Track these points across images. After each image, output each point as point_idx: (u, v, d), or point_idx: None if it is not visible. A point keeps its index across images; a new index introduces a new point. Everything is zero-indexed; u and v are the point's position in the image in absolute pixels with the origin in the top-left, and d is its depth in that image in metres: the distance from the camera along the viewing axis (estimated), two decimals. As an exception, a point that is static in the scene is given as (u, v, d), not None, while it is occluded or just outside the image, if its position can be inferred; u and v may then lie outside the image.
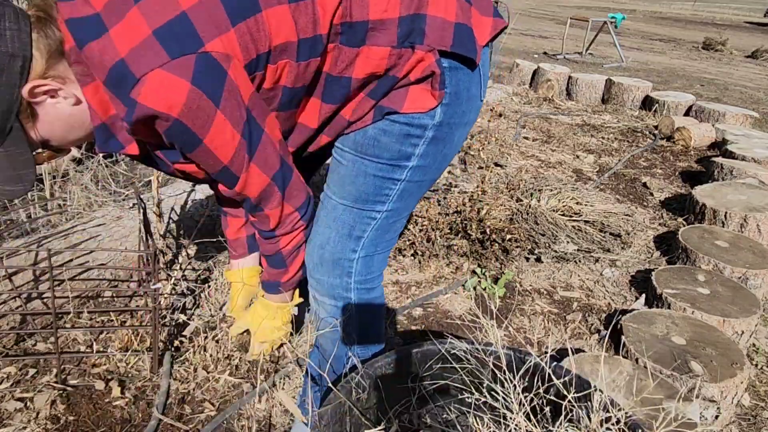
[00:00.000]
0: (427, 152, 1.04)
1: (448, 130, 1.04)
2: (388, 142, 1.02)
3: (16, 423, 1.33)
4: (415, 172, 1.06)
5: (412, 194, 1.10)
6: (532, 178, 2.86)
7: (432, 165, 1.08)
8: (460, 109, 1.03)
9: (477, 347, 1.15)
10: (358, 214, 1.09)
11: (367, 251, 1.12)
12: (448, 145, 1.07)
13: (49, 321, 1.67)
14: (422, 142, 1.02)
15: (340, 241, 1.10)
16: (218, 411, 1.43)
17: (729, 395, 1.47)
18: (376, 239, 1.12)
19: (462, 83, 1.01)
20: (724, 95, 5.93)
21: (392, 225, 1.13)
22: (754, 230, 2.41)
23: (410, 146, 1.02)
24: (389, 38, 0.93)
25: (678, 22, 15.09)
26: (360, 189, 1.06)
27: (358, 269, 1.13)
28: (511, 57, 6.70)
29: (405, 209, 1.13)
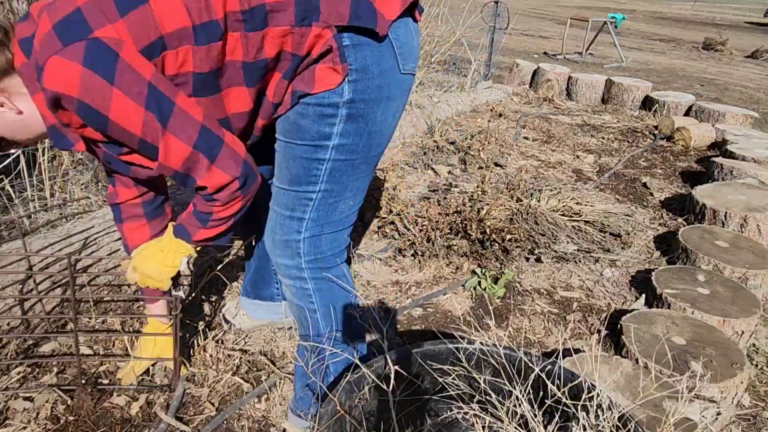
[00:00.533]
0: (347, 130, 1.08)
1: (364, 107, 1.06)
2: (306, 124, 1.08)
3: (16, 423, 1.33)
4: (339, 151, 1.10)
5: (344, 173, 1.13)
6: (532, 178, 2.86)
7: (358, 143, 1.10)
8: (372, 84, 1.05)
9: (477, 347, 1.15)
10: (295, 196, 1.15)
11: (312, 231, 1.17)
12: (370, 121, 1.09)
13: (64, 322, 1.67)
14: (338, 121, 1.06)
15: (285, 222, 1.17)
16: (218, 411, 1.43)
17: (729, 395, 1.47)
18: (318, 219, 1.16)
19: (369, 57, 1.03)
20: (724, 95, 5.93)
21: (334, 206, 1.17)
22: (754, 230, 2.41)
23: (327, 126, 1.07)
24: (288, 18, 0.98)
25: (678, 22, 15.09)
26: (291, 172, 1.13)
27: (306, 249, 1.18)
28: (511, 57, 6.70)
29: (343, 190, 1.16)
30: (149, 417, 1.39)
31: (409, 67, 1.10)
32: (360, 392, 1.06)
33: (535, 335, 1.84)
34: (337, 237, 1.22)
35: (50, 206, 2.29)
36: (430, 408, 1.19)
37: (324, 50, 1.01)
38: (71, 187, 2.46)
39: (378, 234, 2.38)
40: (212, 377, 1.52)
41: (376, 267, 2.16)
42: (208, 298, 1.85)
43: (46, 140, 2.34)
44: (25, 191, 2.33)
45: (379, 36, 1.01)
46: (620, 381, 1.41)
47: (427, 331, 1.83)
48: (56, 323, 1.67)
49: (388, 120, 1.13)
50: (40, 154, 2.30)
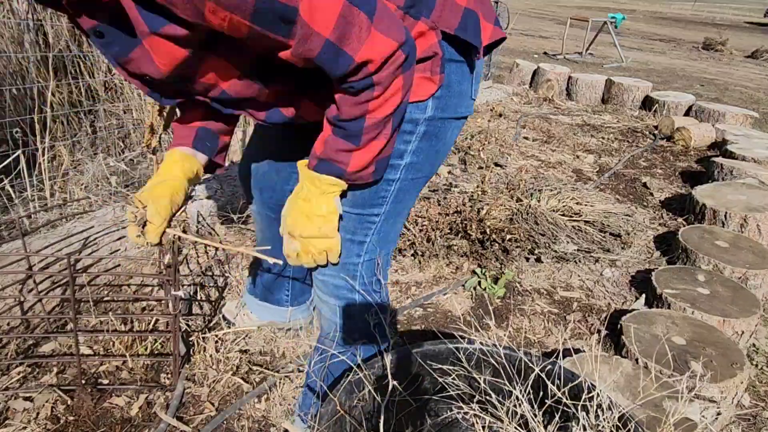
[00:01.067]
0: (419, 148, 1.03)
1: (440, 125, 1.02)
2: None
3: (16, 423, 1.33)
4: (409, 170, 1.04)
5: (408, 192, 1.09)
6: (532, 178, 2.86)
7: (425, 162, 1.06)
8: (452, 102, 1.01)
9: (477, 347, 1.15)
10: (357, 220, 1.07)
11: (371, 255, 1.12)
12: (440, 141, 1.05)
13: (64, 323, 1.67)
14: (414, 138, 1.01)
15: (344, 246, 1.08)
16: (218, 411, 1.43)
17: (729, 395, 1.47)
18: (378, 242, 1.11)
19: (454, 75, 0.99)
20: (724, 95, 5.93)
21: (393, 226, 1.13)
22: (754, 230, 2.41)
23: (402, 143, 1.01)
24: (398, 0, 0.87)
25: (678, 22, 15.09)
26: (356, 193, 1.04)
27: (363, 272, 1.13)
28: (511, 57, 6.70)
29: (404, 209, 1.12)
30: (149, 417, 1.39)
31: (475, 95, 1.07)
32: (360, 392, 1.06)
33: (535, 335, 1.84)
34: (390, 256, 1.18)
35: (50, 206, 2.29)
36: (430, 408, 1.19)
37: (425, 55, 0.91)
38: (71, 187, 2.46)
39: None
40: (212, 377, 1.52)
41: (376, 267, 2.16)
42: (208, 298, 1.85)
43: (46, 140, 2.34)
44: (25, 191, 2.34)
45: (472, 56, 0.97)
46: (620, 381, 1.41)
47: (427, 331, 1.83)
48: (56, 323, 1.67)
49: (452, 141, 1.09)
50: (40, 154, 2.30)
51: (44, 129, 2.43)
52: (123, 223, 1.99)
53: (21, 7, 2.69)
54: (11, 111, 2.66)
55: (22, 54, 2.67)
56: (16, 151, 2.29)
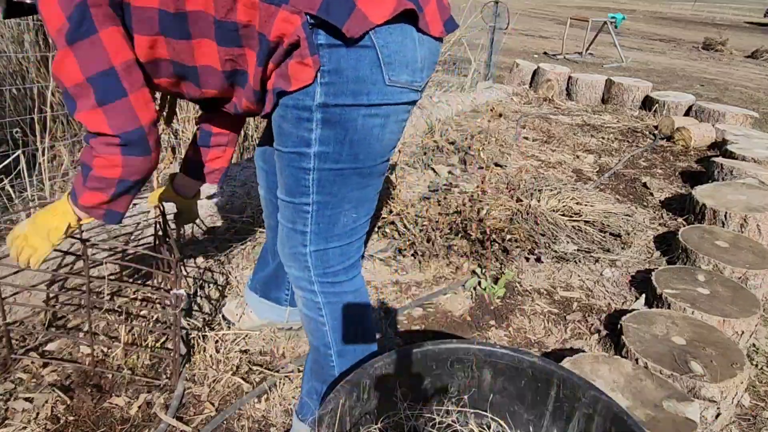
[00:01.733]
0: (325, 137, 1.02)
1: (340, 112, 1.00)
2: (287, 128, 1.04)
3: (17, 423, 1.33)
4: (322, 160, 1.05)
5: (335, 184, 1.08)
6: (532, 178, 2.86)
7: (340, 152, 1.04)
8: (346, 88, 0.98)
9: (477, 348, 1.15)
10: (293, 208, 1.12)
11: (317, 245, 1.13)
12: (350, 129, 1.02)
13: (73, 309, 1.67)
14: (314, 126, 1.01)
15: (290, 235, 1.15)
16: (218, 411, 1.43)
17: (729, 395, 1.47)
18: (320, 233, 1.12)
19: (344, 61, 0.96)
20: (724, 95, 5.93)
21: (334, 218, 1.12)
22: (754, 230, 2.41)
23: (305, 130, 1.02)
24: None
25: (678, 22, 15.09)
26: (285, 182, 1.11)
27: (313, 262, 1.15)
28: (511, 57, 6.70)
29: (340, 201, 1.10)
30: (149, 417, 1.39)
31: (400, 79, 1.01)
32: (360, 392, 1.06)
33: (535, 335, 1.84)
34: (345, 250, 1.17)
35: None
36: (430, 408, 1.19)
37: (293, 41, 0.95)
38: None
39: (378, 234, 2.38)
40: (212, 377, 1.52)
41: (376, 267, 2.16)
42: (208, 297, 1.85)
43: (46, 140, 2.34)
44: (25, 191, 2.34)
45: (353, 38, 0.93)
46: (620, 381, 1.41)
47: (427, 331, 1.83)
48: (65, 319, 1.67)
49: (375, 131, 1.05)
50: (40, 154, 2.30)
51: (44, 129, 2.43)
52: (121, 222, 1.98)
53: (21, 7, 2.69)
54: (11, 111, 2.66)
55: (22, 54, 2.67)
56: (16, 151, 2.29)
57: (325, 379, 1.25)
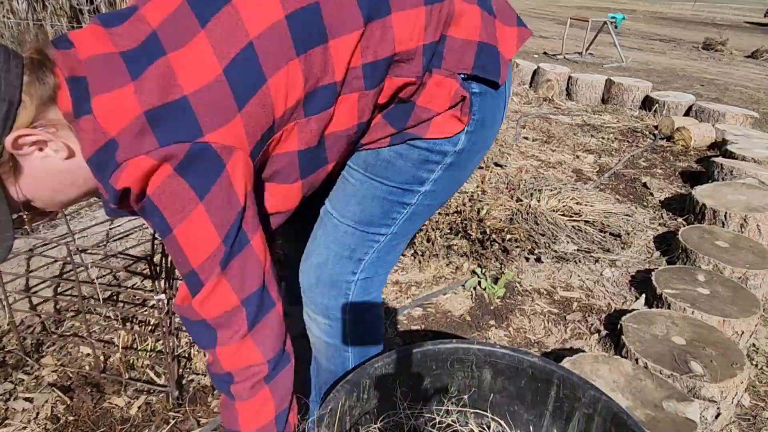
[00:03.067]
0: (441, 177, 0.98)
1: (467, 157, 0.97)
2: (404, 166, 0.94)
3: (16, 423, 1.33)
4: (426, 197, 1.00)
5: (420, 216, 1.04)
6: (532, 178, 2.86)
7: (443, 189, 1.02)
8: (483, 135, 0.96)
9: (477, 348, 1.15)
10: (360, 237, 1.01)
11: (367, 273, 1.05)
12: (463, 170, 1.01)
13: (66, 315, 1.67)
14: (439, 168, 0.96)
15: (340, 262, 1.02)
16: (218, 411, 1.43)
17: (729, 395, 1.47)
18: (377, 262, 1.05)
19: (488, 108, 0.93)
20: (724, 95, 5.93)
21: (395, 247, 1.07)
22: (754, 230, 2.41)
23: (426, 172, 0.96)
24: (415, 68, 0.84)
25: (678, 22, 15.10)
26: (366, 211, 0.99)
27: (356, 291, 1.06)
28: (511, 57, 6.68)
29: (410, 232, 1.07)
30: (149, 417, 1.39)
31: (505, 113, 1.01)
32: (360, 392, 1.06)
33: (535, 335, 1.84)
34: (386, 278, 1.11)
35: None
36: (430, 408, 1.19)
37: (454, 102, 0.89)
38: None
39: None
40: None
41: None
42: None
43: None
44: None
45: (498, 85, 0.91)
46: (620, 381, 1.41)
47: (427, 331, 1.83)
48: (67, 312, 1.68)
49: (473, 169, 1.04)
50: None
51: None
52: (119, 220, 1.98)
53: (21, 7, 2.69)
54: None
55: (22, 54, 2.67)
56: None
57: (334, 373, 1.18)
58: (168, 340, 1.37)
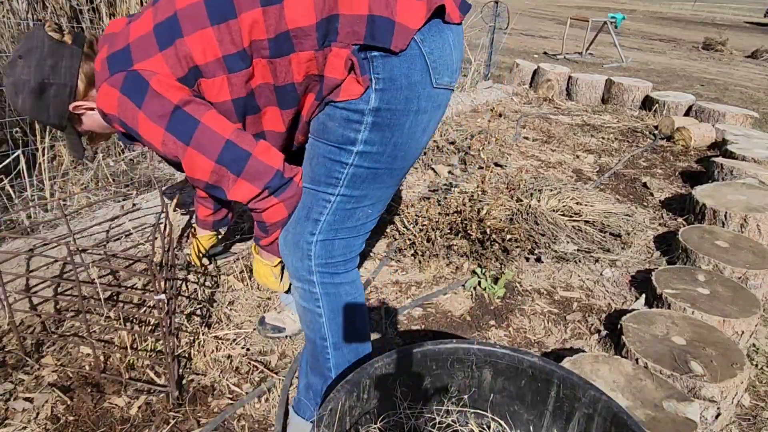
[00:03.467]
0: (371, 138, 1.08)
1: (390, 116, 1.06)
2: (333, 126, 1.09)
3: (16, 423, 1.33)
4: (363, 158, 1.10)
5: (365, 181, 1.13)
6: (532, 178, 2.86)
7: (382, 152, 1.10)
8: (400, 95, 1.05)
9: (477, 348, 1.15)
10: (313, 196, 1.16)
11: (326, 235, 1.17)
12: (396, 132, 1.09)
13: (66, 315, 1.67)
14: (363, 128, 1.07)
15: (299, 222, 1.18)
16: (218, 411, 1.43)
17: (729, 395, 1.47)
18: (334, 224, 1.16)
19: (397, 69, 1.03)
20: (724, 95, 5.93)
21: (351, 212, 1.17)
22: (754, 230, 2.41)
23: (352, 131, 1.08)
24: (311, 43, 1.04)
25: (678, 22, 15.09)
26: (314, 170, 1.15)
27: (317, 252, 1.17)
28: (511, 57, 6.70)
29: (363, 197, 1.16)
30: (149, 417, 1.39)
31: (443, 81, 1.09)
32: (360, 392, 1.06)
33: (535, 335, 1.84)
34: (351, 243, 1.21)
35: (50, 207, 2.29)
36: (430, 408, 1.19)
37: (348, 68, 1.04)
38: (71, 187, 2.46)
39: (378, 234, 2.38)
40: (212, 377, 1.52)
41: (375, 267, 2.16)
42: (210, 297, 1.85)
43: (46, 140, 2.34)
44: (24, 191, 2.34)
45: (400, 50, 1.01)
46: (620, 381, 1.41)
47: (427, 331, 1.83)
48: (61, 323, 1.67)
49: (417, 134, 1.12)
50: (40, 154, 2.30)
51: (44, 129, 2.43)
52: (119, 220, 1.98)
53: (21, 7, 2.69)
54: (11, 111, 2.66)
55: (22, 54, 2.66)
56: (16, 151, 2.29)
57: (322, 373, 1.26)
58: (168, 340, 1.37)
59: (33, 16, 2.74)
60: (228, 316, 1.78)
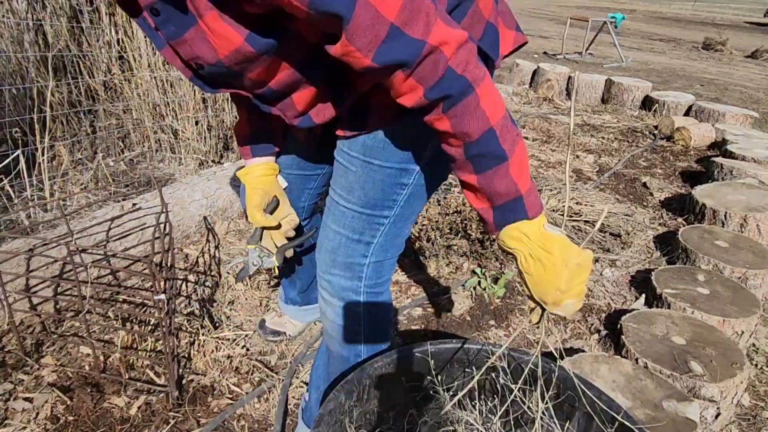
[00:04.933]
0: (435, 155, 1.01)
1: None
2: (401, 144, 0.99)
3: (16, 423, 1.33)
4: (422, 176, 1.04)
5: (419, 197, 1.09)
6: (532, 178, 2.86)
7: (439, 167, 1.06)
8: None
9: (477, 348, 1.15)
10: (367, 220, 1.07)
11: (377, 257, 1.11)
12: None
13: (67, 315, 1.67)
14: (431, 144, 1.00)
15: (350, 245, 1.09)
16: (218, 411, 1.43)
17: (729, 395, 1.47)
18: (385, 244, 1.11)
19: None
20: (724, 95, 5.93)
21: (401, 230, 1.12)
22: (754, 230, 2.41)
23: (422, 148, 1.00)
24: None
25: (678, 22, 15.09)
26: (369, 195, 1.05)
27: (369, 274, 1.12)
28: (511, 57, 6.70)
29: (413, 213, 1.11)
30: (149, 417, 1.39)
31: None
32: (360, 392, 1.06)
33: (535, 335, 1.84)
34: (395, 261, 1.17)
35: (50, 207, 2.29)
36: (430, 408, 1.19)
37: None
38: (71, 187, 2.46)
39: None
40: (212, 377, 1.52)
41: (376, 267, 2.16)
42: (210, 297, 1.85)
43: (46, 140, 2.34)
44: (24, 191, 2.34)
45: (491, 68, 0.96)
46: (620, 381, 1.41)
47: (427, 331, 1.83)
48: (67, 312, 1.67)
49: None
50: (40, 154, 2.30)
51: (44, 129, 2.43)
52: (119, 220, 1.98)
53: (21, 7, 2.69)
54: (11, 111, 2.66)
55: (21, 54, 2.67)
56: (16, 151, 2.29)
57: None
58: (168, 340, 1.37)
59: (33, 16, 2.74)
60: (228, 316, 1.78)
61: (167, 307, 1.36)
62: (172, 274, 1.57)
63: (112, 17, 2.90)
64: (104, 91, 3.00)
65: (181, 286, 1.89)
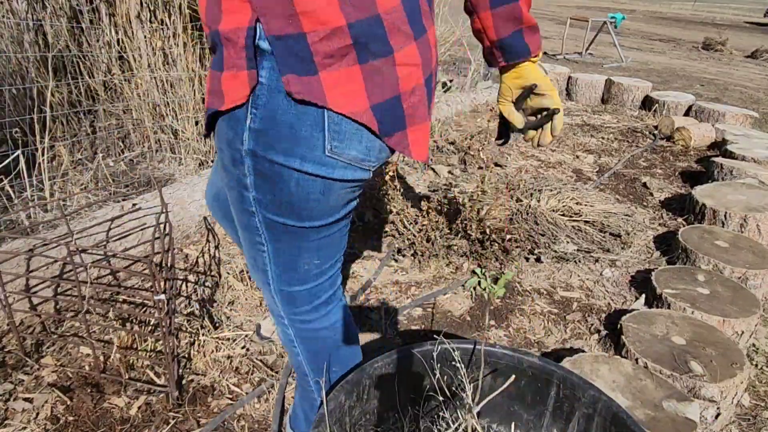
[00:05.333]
0: (258, 185, 0.85)
1: (270, 168, 0.82)
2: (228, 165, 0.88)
3: (16, 423, 1.33)
4: (263, 207, 0.88)
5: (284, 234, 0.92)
6: (532, 178, 2.86)
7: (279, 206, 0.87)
8: (279, 146, 0.80)
9: (477, 348, 1.15)
10: (250, 245, 0.97)
11: (279, 286, 1.00)
12: (283, 188, 0.85)
13: (67, 314, 1.67)
14: (247, 170, 0.84)
15: (253, 269, 1.02)
16: (218, 411, 1.43)
17: (729, 395, 1.47)
18: (282, 276, 0.98)
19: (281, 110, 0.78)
20: (724, 95, 5.93)
21: (292, 264, 0.97)
22: (754, 230, 2.41)
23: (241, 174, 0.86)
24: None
25: (678, 22, 15.09)
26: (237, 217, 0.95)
27: (279, 300, 1.03)
28: (511, 57, 6.67)
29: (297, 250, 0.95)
30: (149, 417, 1.39)
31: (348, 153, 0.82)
32: (360, 392, 1.06)
33: (535, 335, 1.84)
34: (313, 291, 1.02)
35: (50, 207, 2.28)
36: (430, 408, 1.19)
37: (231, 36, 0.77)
38: (71, 188, 2.46)
39: (377, 234, 2.38)
40: (212, 377, 1.52)
41: (375, 267, 2.16)
42: (210, 297, 1.85)
43: (46, 140, 2.34)
44: (24, 191, 2.34)
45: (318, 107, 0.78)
46: (620, 381, 1.41)
47: (427, 331, 1.83)
48: (67, 313, 1.67)
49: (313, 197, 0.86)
50: (40, 154, 2.30)
51: (44, 129, 2.43)
52: (119, 220, 1.98)
53: (21, 7, 2.69)
54: (11, 111, 2.66)
55: (21, 54, 2.67)
56: (16, 151, 2.29)
57: (311, 403, 1.19)
58: (168, 340, 1.37)
59: (33, 16, 2.74)
60: (228, 316, 1.78)
61: (167, 308, 1.36)
62: (172, 274, 1.57)
63: (112, 17, 2.90)
64: (104, 91, 3.01)
65: (181, 287, 1.89)
